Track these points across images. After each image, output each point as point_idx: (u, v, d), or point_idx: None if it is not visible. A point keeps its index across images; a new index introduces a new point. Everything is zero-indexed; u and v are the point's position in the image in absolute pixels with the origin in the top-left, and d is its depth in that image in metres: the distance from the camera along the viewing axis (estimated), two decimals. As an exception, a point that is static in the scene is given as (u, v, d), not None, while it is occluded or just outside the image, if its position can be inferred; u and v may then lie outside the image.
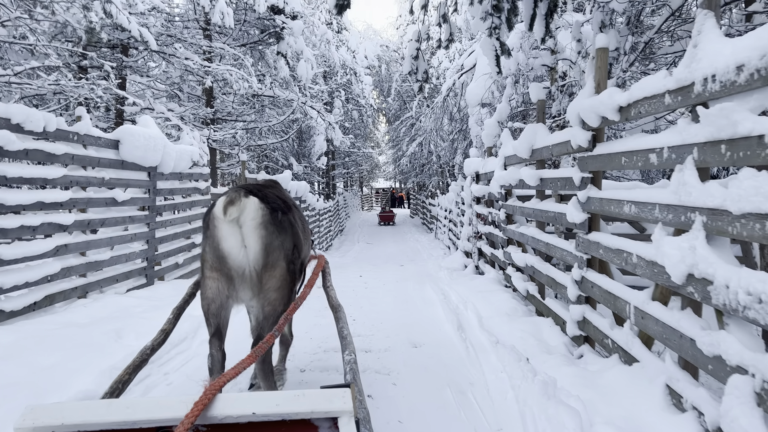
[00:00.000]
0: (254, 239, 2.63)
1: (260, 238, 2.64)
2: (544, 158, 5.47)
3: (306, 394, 1.51)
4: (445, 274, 9.63)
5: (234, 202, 2.59)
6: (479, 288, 6.96)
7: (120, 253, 6.66)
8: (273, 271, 2.70)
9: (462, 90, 13.22)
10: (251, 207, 2.63)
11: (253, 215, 2.63)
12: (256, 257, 2.65)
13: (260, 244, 2.65)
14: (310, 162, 20.10)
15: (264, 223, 2.65)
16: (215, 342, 2.74)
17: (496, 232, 7.73)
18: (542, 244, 5.31)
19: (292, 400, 1.48)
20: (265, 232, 2.65)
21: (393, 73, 31.79)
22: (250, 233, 2.63)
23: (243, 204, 2.61)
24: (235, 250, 2.63)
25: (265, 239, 2.65)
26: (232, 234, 2.62)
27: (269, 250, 2.67)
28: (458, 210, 14.35)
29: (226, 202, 2.59)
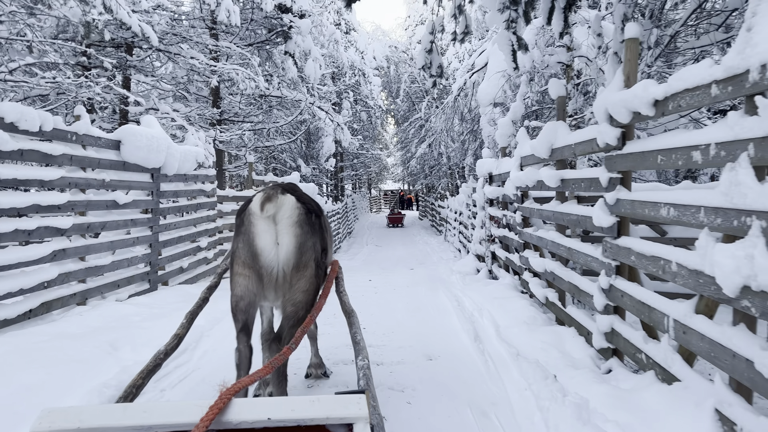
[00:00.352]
0: (289, 237, 2.62)
1: (295, 236, 2.63)
2: (564, 158, 5.18)
3: (321, 399, 1.51)
4: (458, 279, 9.34)
5: (271, 199, 2.59)
6: (494, 294, 6.66)
7: (121, 258, 6.43)
8: (304, 271, 2.69)
9: (473, 89, 12.93)
10: (288, 205, 2.63)
11: (290, 213, 2.63)
12: (287, 256, 2.63)
13: (294, 242, 2.63)
14: (319, 164, 19.87)
15: (300, 222, 2.64)
16: (243, 338, 2.72)
17: (511, 236, 7.43)
18: (563, 249, 5.01)
19: (307, 405, 1.48)
20: (300, 231, 2.64)
21: (402, 74, 31.53)
22: (284, 230, 2.62)
23: (280, 201, 2.61)
24: (269, 246, 2.62)
25: (300, 238, 2.65)
26: (267, 230, 2.61)
27: (303, 249, 2.66)
28: (469, 212, 14.05)
29: (263, 199, 2.59)
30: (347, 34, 27.83)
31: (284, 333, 2.73)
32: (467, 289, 7.73)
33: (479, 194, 9.69)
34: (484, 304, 6.28)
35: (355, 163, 33.15)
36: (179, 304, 5.62)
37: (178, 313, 5.10)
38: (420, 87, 31.15)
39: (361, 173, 39.36)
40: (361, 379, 2.09)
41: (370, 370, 2.19)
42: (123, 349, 3.72)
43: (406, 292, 8.06)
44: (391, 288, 8.71)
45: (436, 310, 6.46)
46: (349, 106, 24.91)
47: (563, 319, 5.12)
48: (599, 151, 4.14)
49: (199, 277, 8.70)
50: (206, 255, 9.00)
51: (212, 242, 9.37)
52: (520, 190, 6.79)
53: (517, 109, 8.76)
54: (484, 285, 7.54)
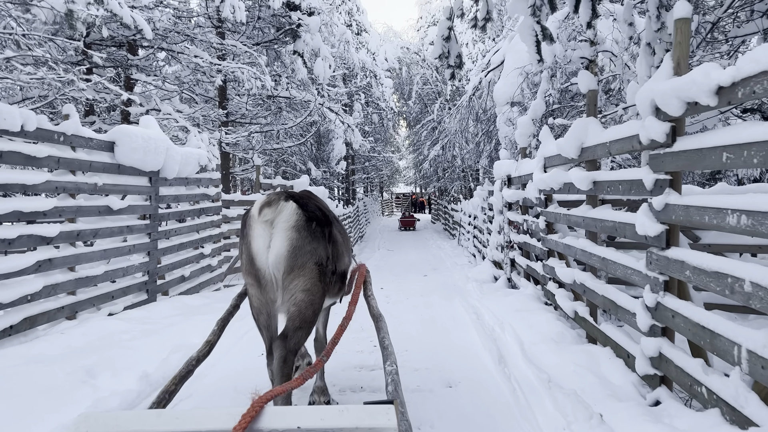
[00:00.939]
0: (281, 240, 2.58)
1: (288, 239, 2.58)
2: (596, 158, 4.68)
3: (350, 409, 1.52)
4: (474, 287, 8.84)
5: (271, 204, 2.57)
6: (516, 306, 6.16)
7: (116, 267, 6.02)
8: (300, 271, 2.61)
9: (488, 89, 12.43)
10: (287, 210, 2.60)
11: (287, 218, 2.59)
12: (277, 259, 2.58)
13: (287, 245, 2.58)
14: (329, 167, 19.44)
15: (296, 227, 2.60)
16: (271, 359, 2.66)
17: (532, 242, 6.92)
18: (596, 259, 4.51)
19: (336, 415, 1.49)
20: (297, 235, 2.60)
21: (414, 76, 31.07)
22: (278, 234, 2.59)
23: (280, 207, 2.58)
24: (262, 250, 2.59)
25: (295, 242, 2.59)
26: (262, 235, 2.59)
27: (297, 253, 2.60)
28: (484, 216, 13.54)
29: (263, 203, 2.57)
30: (358, 35, 27.44)
31: (289, 333, 2.63)
32: (485, 299, 7.23)
33: (496, 198, 9.20)
34: (506, 317, 5.78)
35: (366, 166, 32.68)
36: (174, 318, 5.19)
37: (171, 330, 4.67)
38: (432, 89, 30.69)
39: (373, 176, 38.94)
40: (390, 385, 2.07)
41: (398, 375, 2.16)
42: (101, 376, 3.29)
43: (419, 302, 7.57)
44: (404, 297, 8.23)
45: (453, 322, 5.97)
46: (360, 108, 24.46)
47: (596, 337, 4.61)
48: (642, 149, 3.64)
49: (202, 286, 8.29)
50: (210, 262, 8.59)
51: (217, 249, 8.96)
52: (543, 193, 6.29)
53: (538, 107, 8.25)
54: (504, 295, 7.03)
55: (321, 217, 2.74)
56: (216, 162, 8.76)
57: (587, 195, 4.88)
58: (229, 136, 10.22)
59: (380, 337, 2.62)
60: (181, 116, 8.81)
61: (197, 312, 5.64)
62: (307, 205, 2.70)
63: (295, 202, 2.63)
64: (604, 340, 4.42)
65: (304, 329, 2.66)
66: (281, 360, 2.53)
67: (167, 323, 4.85)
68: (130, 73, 8.61)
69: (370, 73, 25.79)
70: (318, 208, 2.79)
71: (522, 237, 7.60)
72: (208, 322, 4.94)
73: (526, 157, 7.90)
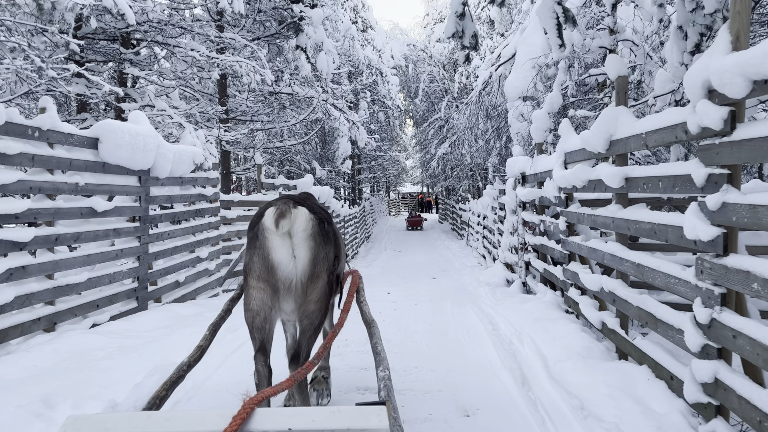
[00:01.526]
0: (304, 250, 2.66)
1: (310, 249, 2.67)
2: (629, 151, 4.17)
3: (342, 410, 1.51)
4: (487, 292, 8.34)
5: (285, 215, 2.61)
6: (534, 314, 5.66)
7: (102, 274, 5.57)
8: (317, 281, 2.72)
9: (499, 83, 11.91)
10: (302, 218, 2.65)
11: (304, 226, 2.65)
12: (304, 268, 2.67)
13: (309, 255, 2.67)
14: (334, 166, 18.97)
15: (314, 234, 2.68)
16: (260, 357, 2.70)
17: (551, 245, 6.42)
18: (628, 265, 4.01)
19: (328, 416, 1.49)
20: (314, 243, 2.68)
21: (420, 73, 30.53)
22: (300, 244, 2.66)
23: (294, 215, 2.63)
24: (285, 260, 2.65)
25: (314, 250, 2.68)
26: (283, 245, 2.64)
27: (316, 261, 2.70)
28: (495, 216, 13.04)
29: (277, 215, 2.60)
30: (364, 32, 26.97)
31: (302, 347, 2.74)
32: (500, 305, 6.73)
33: (509, 197, 8.69)
34: (524, 328, 5.29)
35: (372, 166, 32.18)
36: (160, 331, 4.73)
37: (154, 346, 4.21)
38: (439, 86, 30.16)
39: (380, 176, 38.44)
40: (382, 390, 2.08)
41: (390, 381, 2.17)
42: (60, 407, 2.81)
43: (429, 309, 7.09)
44: (413, 303, 7.75)
45: (467, 334, 5.47)
46: (366, 106, 23.96)
47: (627, 352, 4.11)
48: (690, 139, 3.14)
49: (199, 292, 7.83)
50: (207, 266, 8.13)
51: (215, 252, 8.50)
52: (564, 191, 5.79)
53: (554, 100, 7.74)
54: (521, 302, 6.52)
55: (326, 217, 2.82)
56: (213, 160, 8.31)
57: (616, 193, 4.37)
58: (228, 133, 9.77)
59: (373, 343, 2.63)
60: (176, 113, 8.36)
61: (187, 323, 5.18)
62: (312, 207, 2.75)
63: (303, 206, 2.68)
64: (639, 357, 3.92)
65: (315, 337, 2.79)
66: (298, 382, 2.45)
67: (151, 337, 4.39)
68: (122, 68, 8.17)
69: (376, 71, 25.30)
70: (320, 208, 2.87)
71: (538, 239, 7.10)
72: (196, 336, 4.47)
73: (542, 154, 7.39)
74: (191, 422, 1.49)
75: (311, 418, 1.48)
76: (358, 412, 1.50)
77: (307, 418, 1.48)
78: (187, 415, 1.54)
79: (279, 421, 1.49)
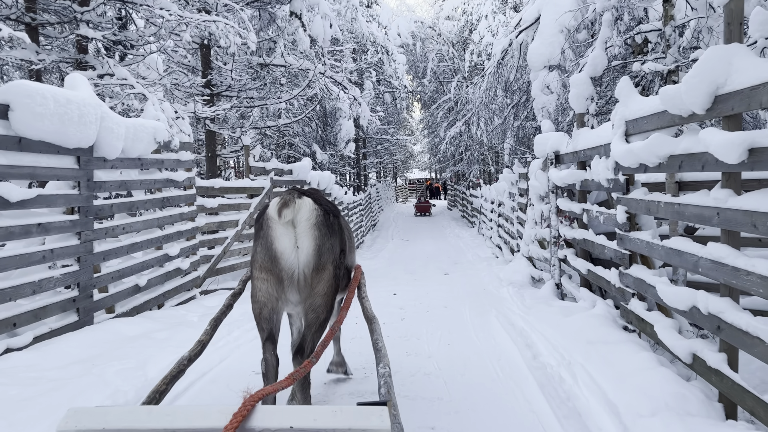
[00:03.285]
0: (308, 240, 2.64)
1: (314, 239, 2.65)
2: (752, 109, 2.80)
3: (343, 410, 1.50)
4: (511, 294, 7.02)
5: (288, 204, 2.59)
6: (585, 333, 4.33)
7: (20, 282, 4.28)
8: (323, 273, 2.69)
9: (520, 51, 10.46)
10: (306, 208, 2.63)
11: (308, 216, 2.63)
12: (307, 258, 2.65)
13: (313, 245, 2.65)
14: (337, 150, 17.53)
15: (318, 224, 2.66)
16: (269, 346, 2.72)
17: (599, 241, 5.08)
18: (753, 279, 2.66)
19: (329, 415, 1.48)
20: (318, 233, 2.66)
21: (428, 52, 28.91)
22: (303, 233, 2.64)
23: (298, 205, 2.61)
24: (288, 250, 2.63)
25: (318, 240, 2.66)
26: (286, 234, 2.62)
27: (321, 251, 2.67)
28: (513, 203, 11.69)
29: (280, 205, 2.60)
30: (369, 7, 25.42)
31: (307, 341, 2.71)
32: (533, 316, 5.40)
33: (539, 180, 7.33)
34: (574, 355, 3.96)
35: (378, 150, 30.70)
36: (75, 369, 3.38)
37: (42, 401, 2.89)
38: (449, 66, 28.60)
39: (386, 161, 36.99)
40: (382, 387, 2.06)
41: (391, 378, 2.15)
42: None
43: (444, 320, 5.78)
44: (423, 309, 6.44)
45: (497, 362, 4.15)
46: (371, 86, 22.50)
47: (745, 405, 2.78)
48: None
49: (169, 295, 6.56)
50: (180, 265, 6.84)
51: (190, 248, 7.21)
52: (623, 172, 4.41)
53: (598, 60, 6.33)
54: (561, 313, 5.18)
55: (333, 209, 2.80)
56: (186, 139, 6.98)
57: (727, 174, 3.00)
58: (207, 108, 8.42)
59: (373, 339, 2.59)
60: (143, 83, 7.03)
61: (122, 352, 3.89)
62: (318, 199, 2.73)
63: (308, 197, 2.66)
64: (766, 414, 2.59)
65: (320, 332, 2.72)
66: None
67: (51, 384, 3.05)
68: (75, 28, 6.84)
69: (381, 49, 23.81)
70: (326, 201, 2.83)
71: (579, 232, 5.75)
72: (121, 376, 3.17)
73: (584, 127, 6.00)
74: (192, 418, 1.48)
75: (313, 417, 1.47)
76: (359, 412, 1.48)
77: (308, 416, 1.47)
78: (187, 410, 1.51)
79: (280, 419, 1.48)
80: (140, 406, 1.65)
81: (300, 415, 1.48)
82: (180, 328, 4.57)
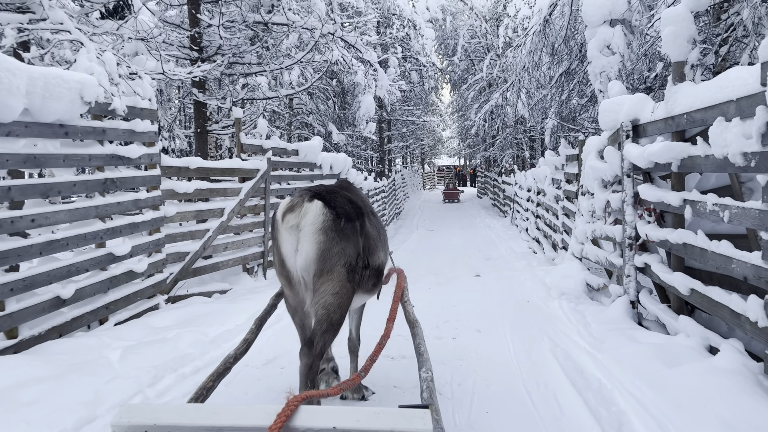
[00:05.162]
0: (309, 244, 2.56)
1: (317, 243, 2.56)
2: None
3: (385, 412, 1.51)
4: (566, 311, 5.30)
5: (294, 209, 2.58)
6: (713, 407, 2.60)
7: None
8: (329, 275, 2.60)
9: (571, 6, 8.55)
10: (312, 212, 2.57)
11: (312, 220, 2.56)
12: (306, 263, 2.58)
13: (315, 249, 2.56)
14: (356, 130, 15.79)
15: (323, 228, 2.57)
16: (305, 350, 2.65)
17: (716, 248, 3.31)
18: None
19: (371, 417, 1.49)
20: (324, 237, 2.57)
21: (459, 28, 26.82)
22: (305, 238, 2.57)
23: (304, 209, 2.58)
24: (290, 253, 2.62)
25: (323, 245, 2.57)
26: (289, 239, 2.61)
27: (326, 256, 2.57)
28: (558, 192, 9.88)
29: (286, 209, 2.59)
30: (395, -23, 23.52)
31: (316, 338, 2.61)
32: (608, 356, 3.67)
33: (608, 159, 5.52)
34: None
35: (404, 133, 28.83)
36: None
37: None
38: (481, 43, 26.52)
39: (413, 146, 35.11)
40: (425, 391, 2.05)
41: (434, 382, 2.14)
42: None
43: (477, 356, 4.09)
44: (449, 334, 4.77)
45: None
46: (396, 63, 20.68)
47: None
48: None
49: (115, 308, 5.01)
50: (134, 267, 5.28)
51: (150, 244, 5.64)
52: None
53: (703, -11, 4.48)
54: (656, 356, 3.39)
55: (351, 212, 2.68)
56: (146, 105, 5.39)
57: None
58: (181, 70, 6.82)
59: (416, 344, 2.60)
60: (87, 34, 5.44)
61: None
62: (334, 200, 2.64)
63: (321, 200, 2.58)
64: None
65: (331, 332, 2.65)
66: (307, 367, 2.58)
67: None
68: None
69: (408, 23, 21.94)
70: (348, 201, 2.73)
71: (675, 233, 3.96)
72: None
73: (684, 81, 4.17)
74: (237, 417, 1.51)
75: (355, 418, 1.47)
76: (401, 415, 1.49)
77: (351, 417, 1.48)
78: (233, 409, 1.55)
79: (323, 419, 1.49)
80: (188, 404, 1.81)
81: (343, 416, 1.49)
82: (71, 378, 2.99)
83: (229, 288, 7.22)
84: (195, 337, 4.03)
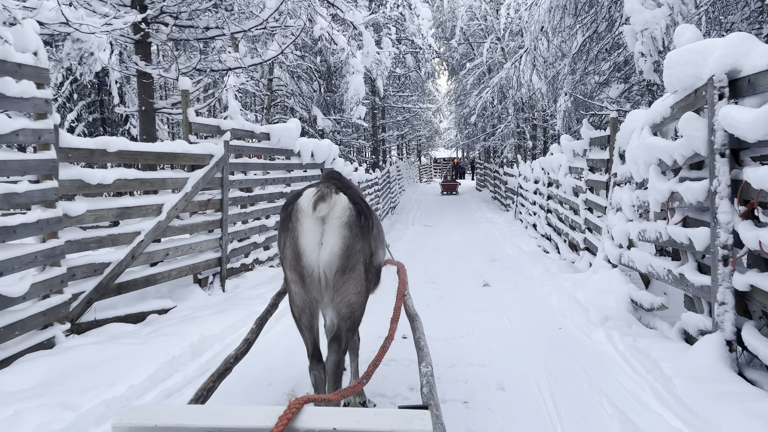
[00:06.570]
0: (335, 238, 2.45)
1: (342, 238, 2.46)
2: None
3: (385, 413, 1.51)
4: (622, 350, 3.78)
5: (325, 198, 2.43)
6: None
7: None
8: (351, 273, 2.52)
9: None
10: (341, 205, 2.47)
11: (340, 213, 2.47)
12: (330, 258, 2.44)
13: (341, 244, 2.46)
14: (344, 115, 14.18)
15: (349, 223, 2.48)
16: (314, 363, 2.60)
17: None
18: None
19: (372, 418, 1.49)
20: (349, 233, 2.48)
21: (457, 8, 25.19)
22: (331, 231, 2.45)
23: (333, 201, 2.45)
24: (311, 246, 2.47)
25: (348, 240, 2.47)
26: (312, 230, 2.46)
27: (350, 252, 2.49)
28: (579, 182, 8.32)
29: (317, 197, 2.43)
30: (388, -49, 21.82)
31: (342, 335, 2.56)
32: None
33: (688, 132, 3.93)
34: None
35: (399, 122, 27.17)
36: None
37: None
38: (480, 25, 24.85)
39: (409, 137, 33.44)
40: (425, 387, 2.06)
41: (433, 377, 2.14)
42: None
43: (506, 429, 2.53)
44: (460, 383, 3.17)
45: None
46: (389, 44, 19.01)
47: None
48: None
49: None
50: (4, 291, 3.67)
51: (35, 256, 4.03)
52: None
53: None
54: None
55: (365, 209, 2.60)
56: (25, 59, 3.78)
57: None
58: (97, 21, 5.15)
59: (416, 338, 2.59)
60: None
61: None
62: (352, 195, 2.55)
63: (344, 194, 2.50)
64: None
65: (353, 330, 2.64)
66: (335, 365, 2.52)
67: None
68: None
69: (403, 1, 20.26)
70: (360, 198, 2.62)
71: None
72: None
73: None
74: (238, 418, 1.50)
75: (355, 419, 1.47)
76: (401, 416, 1.49)
77: (351, 418, 1.48)
78: (234, 410, 1.53)
79: (324, 420, 1.49)
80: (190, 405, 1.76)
81: (343, 417, 1.49)
82: None
83: (173, 306, 5.64)
84: (45, 418, 2.44)
